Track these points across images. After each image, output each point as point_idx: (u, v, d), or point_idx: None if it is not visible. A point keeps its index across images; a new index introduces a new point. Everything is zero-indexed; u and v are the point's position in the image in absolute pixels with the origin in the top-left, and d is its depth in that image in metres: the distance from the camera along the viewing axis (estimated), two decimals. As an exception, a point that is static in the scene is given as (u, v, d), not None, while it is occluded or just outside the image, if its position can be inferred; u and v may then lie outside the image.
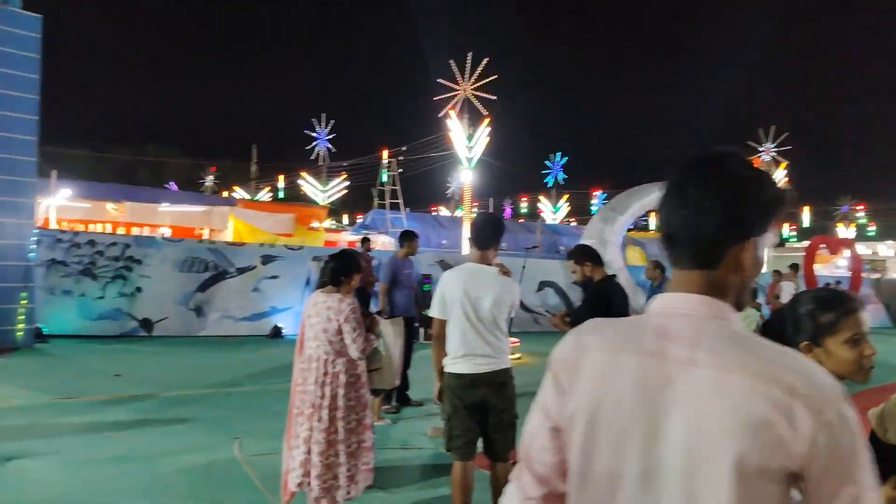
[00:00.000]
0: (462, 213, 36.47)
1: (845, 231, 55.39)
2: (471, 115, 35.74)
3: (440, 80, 38.03)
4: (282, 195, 54.53)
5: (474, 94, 37.30)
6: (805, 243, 31.04)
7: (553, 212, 53.53)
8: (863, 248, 40.19)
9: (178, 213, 27.99)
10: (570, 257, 4.97)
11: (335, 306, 4.01)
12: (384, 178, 43.89)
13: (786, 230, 56.08)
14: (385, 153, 44.18)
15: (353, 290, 4.27)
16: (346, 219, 52.42)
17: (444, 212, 53.44)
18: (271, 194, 55.27)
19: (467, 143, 33.54)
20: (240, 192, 51.03)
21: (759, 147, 47.09)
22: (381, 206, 41.66)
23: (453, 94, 37.53)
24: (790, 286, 13.80)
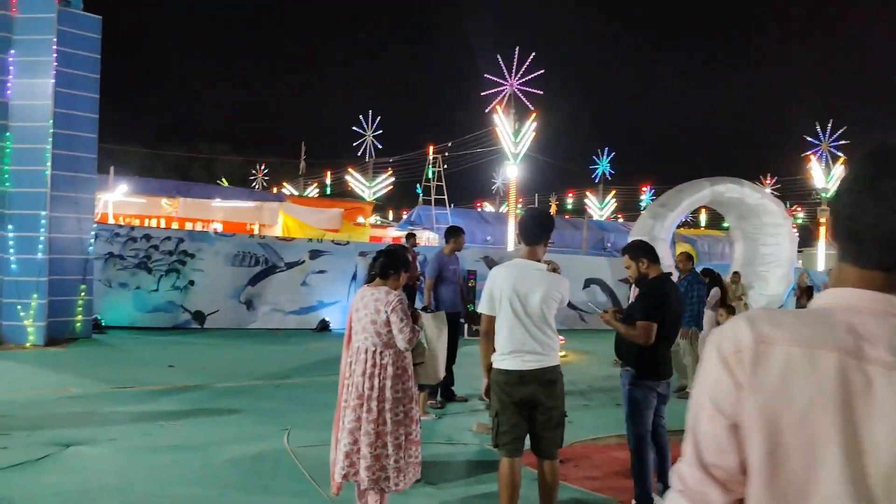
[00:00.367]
0: (507, 209, 36.38)
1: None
2: (517, 110, 35.54)
3: (487, 76, 37.93)
4: (329, 191, 55.20)
5: (521, 89, 37.08)
6: None
7: (599, 208, 52.85)
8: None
9: (229, 209, 28.58)
10: (625, 253, 4.88)
11: (383, 298, 4.03)
12: (430, 174, 44.03)
13: None
14: (430, 149, 44.30)
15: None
16: (391, 215, 52.71)
17: (488, 208, 53.30)
18: (319, 190, 55.99)
19: (513, 139, 33.37)
20: (288, 189, 51.87)
21: (816, 141, 45.61)
22: (427, 202, 41.79)
23: (500, 89, 37.38)
24: None
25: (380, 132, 54.32)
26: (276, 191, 49.63)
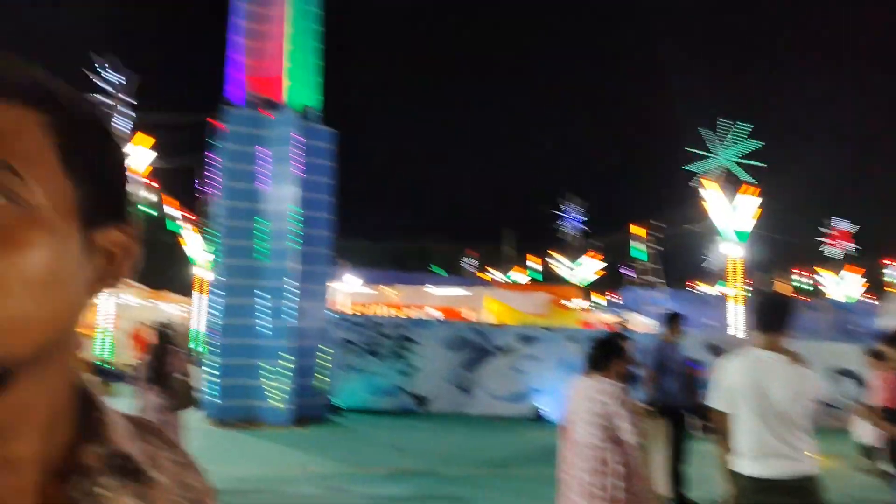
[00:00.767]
0: (725, 288, 34.01)
1: None
2: (734, 183, 33.71)
3: (693, 150, 36.70)
4: (535, 276, 55.76)
5: (737, 162, 35.25)
6: None
7: (837, 285, 47.33)
8: None
9: (443, 296, 30.11)
10: (890, 343, 4.34)
11: (602, 389, 3.96)
12: (638, 254, 42.82)
13: None
14: (637, 228, 43.28)
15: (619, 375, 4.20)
16: (600, 298, 51.74)
17: (703, 288, 50.21)
18: (525, 275, 56.80)
19: (730, 215, 31.51)
20: (495, 274, 53.28)
21: None
22: (637, 284, 40.49)
23: (713, 162, 35.86)
24: None
25: (583, 213, 54.31)
26: (484, 277, 51.23)
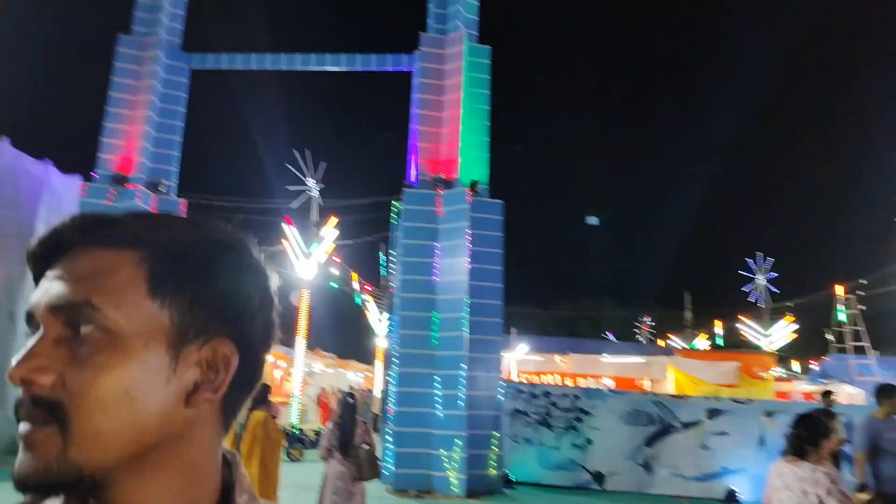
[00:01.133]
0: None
1: None
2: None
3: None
4: (721, 342, 52.04)
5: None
6: None
7: None
8: None
9: (618, 364, 28.86)
10: None
11: (809, 477, 3.47)
12: (841, 316, 38.42)
13: None
14: (839, 288, 38.98)
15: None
16: (796, 366, 47.03)
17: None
18: (709, 342, 53.23)
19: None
20: (676, 341, 50.47)
21: None
22: (841, 350, 36.22)
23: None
24: None
25: (773, 274, 50.24)
26: (663, 344, 48.75)
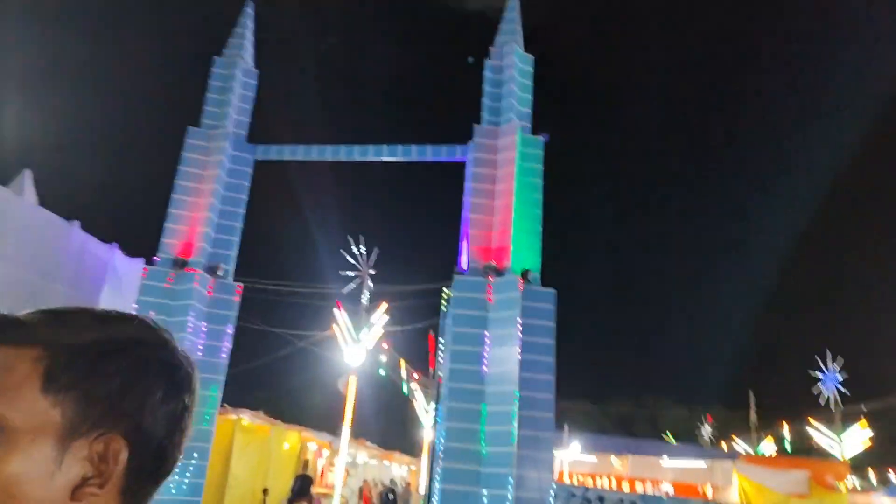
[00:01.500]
0: None
1: None
2: None
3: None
4: (789, 447, 48.87)
5: None
6: None
7: None
8: None
9: (679, 468, 27.23)
10: None
11: None
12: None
13: None
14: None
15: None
16: (873, 476, 43.60)
17: None
18: (776, 446, 50.06)
19: None
20: (740, 444, 47.64)
21: None
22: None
23: None
24: None
25: (843, 374, 47.56)
26: (726, 447, 46.07)
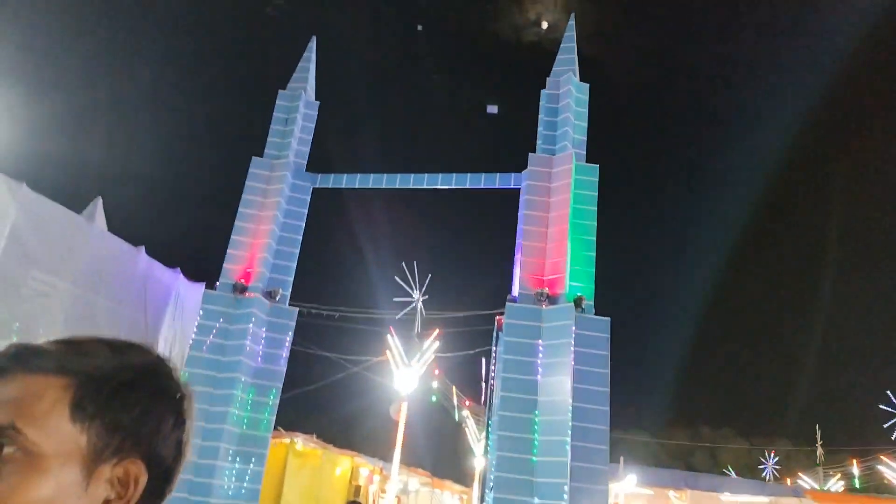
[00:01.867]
0: None
1: None
2: None
3: None
4: (858, 484, 46.43)
5: None
6: None
7: None
8: None
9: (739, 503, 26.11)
10: None
11: None
12: None
13: None
14: None
15: None
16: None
17: None
18: (844, 483, 47.63)
19: None
20: (806, 480, 45.55)
21: None
22: None
23: None
24: None
25: (918, 409, 45.06)
26: (790, 482, 44.10)
